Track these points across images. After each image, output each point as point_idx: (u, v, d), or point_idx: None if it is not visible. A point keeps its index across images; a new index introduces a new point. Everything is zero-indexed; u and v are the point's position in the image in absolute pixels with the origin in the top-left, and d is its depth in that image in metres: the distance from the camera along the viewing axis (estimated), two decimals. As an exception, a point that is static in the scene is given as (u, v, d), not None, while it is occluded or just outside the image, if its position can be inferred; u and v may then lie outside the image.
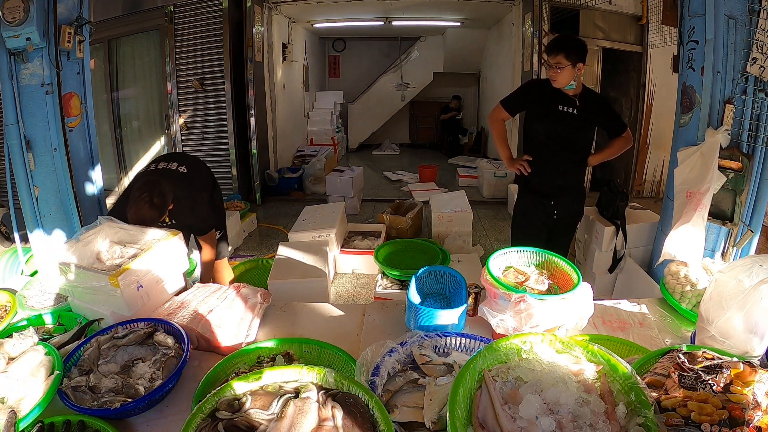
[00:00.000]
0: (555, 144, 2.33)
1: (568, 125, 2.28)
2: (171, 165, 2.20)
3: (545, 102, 2.29)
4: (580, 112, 2.26)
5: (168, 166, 2.19)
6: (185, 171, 2.20)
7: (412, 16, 7.22)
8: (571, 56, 2.16)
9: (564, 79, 2.20)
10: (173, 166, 2.20)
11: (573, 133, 2.31)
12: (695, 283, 1.60)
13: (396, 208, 4.39)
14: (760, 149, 1.94)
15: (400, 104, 9.31)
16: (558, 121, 2.29)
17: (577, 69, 2.18)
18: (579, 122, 2.28)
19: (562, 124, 2.28)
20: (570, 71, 2.18)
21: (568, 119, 2.27)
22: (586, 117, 2.28)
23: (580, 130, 2.32)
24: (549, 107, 2.28)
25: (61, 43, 2.41)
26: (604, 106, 2.37)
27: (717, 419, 0.87)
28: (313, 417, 0.95)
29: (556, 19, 5.18)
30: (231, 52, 5.15)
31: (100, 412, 1.09)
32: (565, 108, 2.27)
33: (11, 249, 2.73)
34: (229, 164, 5.48)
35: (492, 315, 1.33)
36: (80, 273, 1.43)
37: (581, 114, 2.27)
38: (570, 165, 2.39)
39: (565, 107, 2.27)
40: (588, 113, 2.28)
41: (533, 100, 2.37)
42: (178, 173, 2.18)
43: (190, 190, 2.18)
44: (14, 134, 2.37)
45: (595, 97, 2.38)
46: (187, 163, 2.26)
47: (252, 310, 1.55)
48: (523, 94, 2.45)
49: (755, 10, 1.86)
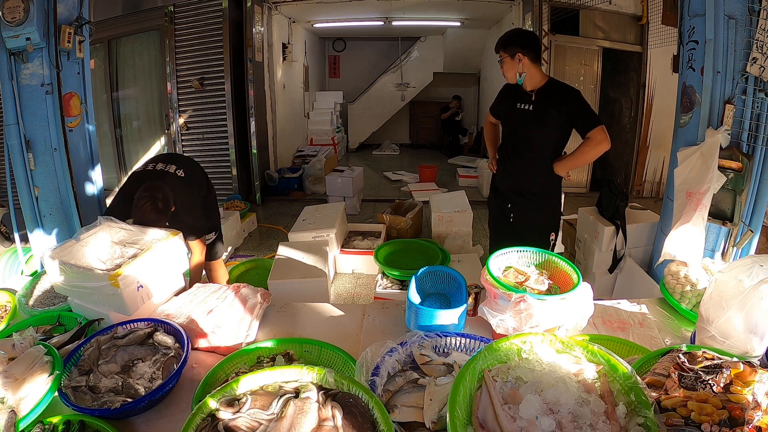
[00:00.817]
0: (511, 144, 2.25)
1: (522, 123, 2.16)
2: (169, 167, 2.18)
3: (508, 101, 2.23)
4: (535, 108, 2.11)
5: (166, 169, 2.17)
6: (183, 175, 2.18)
7: (412, 16, 7.22)
8: (509, 48, 2.08)
9: (508, 73, 2.12)
10: (171, 168, 2.18)
11: (527, 132, 2.16)
12: (695, 283, 1.60)
13: (396, 208, 4.39)
14: (760, 149, 1.94)
15: (400, 104, 9.31)
16: (514, 120, 2.21)
17: (518, 60, 2.07)
18: (533, 119, 2.12)
19: (517, 122, 2.19)
20: (511, 64, 2.09)
21: (522, 117, 2.15)
22: (542, 113, 2.09)
23: (536, 128, 2.13)
24: (509, 106, 2.22)
25: (61, 43, 2.41)
26: (566, 99, 2.08)
27: (717, 419, 0.87)
28: (313, 417, 0.95)
29: (556, 19, 5.18)
30: (231, 52, 5.16)
31: (100, 412, 1.09)
32: (521, 105, 2.15)
33: (11, 249, 2.73)
34: (229, 164, 5.48)
35: (492, 315, 1.33)
36: (80, 273, 1.43)
37: (536, 110, 2.10)
38: (525, 167, 2.22)
39: (521, 104, 2.16)
40: (545, 108, 2.08)
41: (502, 102, 2.32)
42: (176, 176, 2.16)
43: (187, 194, 2.17)
44: (14, 134, 2.38)
45: (557, 90, 2.12)
46: (185, 167, 2.25)
47: (252, 310, 1.55)
48: (497, 97, 2.39)
49: (755, 10, 1.86)
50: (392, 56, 9.32)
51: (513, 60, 2.09)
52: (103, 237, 1.65)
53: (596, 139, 2.03)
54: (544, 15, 5.07)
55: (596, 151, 2.07)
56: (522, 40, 2.10)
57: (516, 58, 2.08)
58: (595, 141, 2.04)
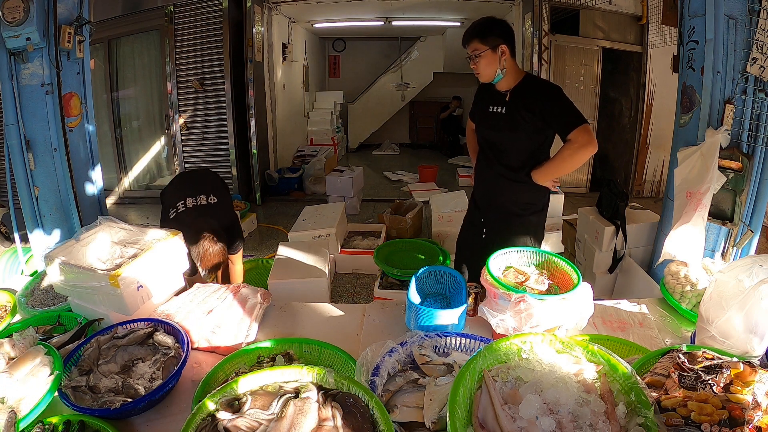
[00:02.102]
0: (484, 151, 2.00)
1: (495, 128, 1.89)
2: (200, 199, 2.18)
3: (481, 104, 1.97)
4: (508, 110, 1.83)
5: (198, 202, 2.17)
6: (216, 201, 2.21)
7: (412, 16, 7.22)
8: (488, 39, 1.75)
9: (487, 69, 1.79)
10: (202, 199, 2.18)
11: (500, 138, 1.89)
12: (695, 283, 1.60)
13: (396, 208, 4.39)
14: (760, 149, 1.94)
15: (400, 104, 9.31)
16: (487, 125, 1.94)
17: (500, 53, 1.76)
18: (506, 123, 1.84)
19: (490, 127, 1.92)
20: (491, 57, 1.76)
21: (495, 121, 1.88)
22: (514, 115, 1.81)
23: (510, 133, 1.85)
24: (482, 110, 1.96)
25: (61, 43, 2.41)
26: (540, 97, 1.78)
27: (717, 419, 0.87)
28: (313, 417, 0.95)
29: (556, 19, 5.18)
30: (231, 52, 5.16)
31: (100, 412, 1.09)
32: (494, 108, 1.88)
33: (11, 249, 2.73)
34: (229, 164, 5.48)
35: (492, 315, 1.33)
36: (80, 273, 1.43)
37: (509, 112, 1.83)
38: (498, 178, 1.94)
39: (494, 107, 1.88)
40: (517, 110, 1.80)
41: (476, 105, 2.06)
42: (210, 205, 2.19)
43: (224, 214, 2.22)
44: (14, 134, 2.38)
45: (533, 88, 1.83)
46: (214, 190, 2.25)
47: (252, 310, 1.54)
48: (474, 100, 2.10)
49: (755, 10, 1.86)
50: (392, 56, 9.32)
51: (495, 53, 1.76)
52: (103, 237, 1.65)
53: (578, 141, 1.71)
54: (544, 15, 5.07)
55: (579, 155, 1.74)
56: (501, 29, 1.79)
57: (498, 51, 1.76)
58: (576, 144, 1.71)
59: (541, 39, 5.10)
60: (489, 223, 2.03)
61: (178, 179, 2.53)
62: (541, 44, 5.11)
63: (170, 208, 2.16)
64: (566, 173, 1.95)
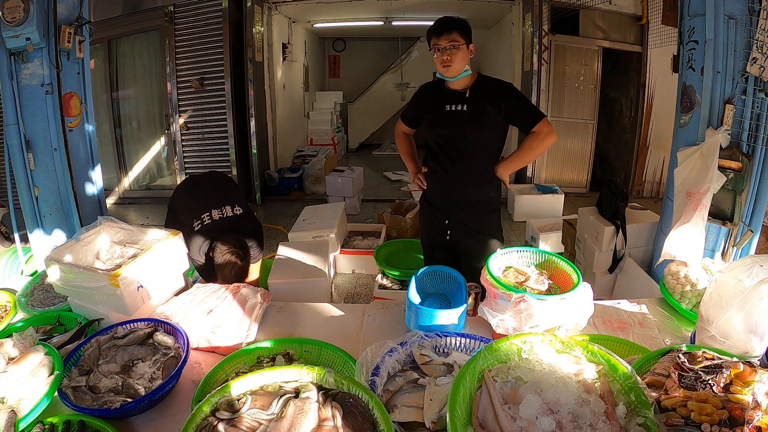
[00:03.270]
0: (442, 151, 1.96)
1: (456, 126, 1.89)
2: (225, 211, 2.10)
3: (433, 104, 1.95)
4: (471, 107, 1.86)
5: (224, 214, 2.08)
6: (241, 212, 2.13)
7: (412, 16, 7.22)
8: (465, 34, 1.80)
9: (460, 63, 1.80)
10: (228, 211, 2.10)
11: (464, 136, 1.89)
12: (695, 283, 1.60)
13: (396, 208, 4.39)
14: (760, 149, 1.94)
15: (400, 104, 9.30)
16: (445, 124, 1.91)
17: (470, 51, 1.84)
18: (470, 120, 1.87)
19: (450, 126, 1.90)
20: (465, 52, 1.81)
21: (456, 119, 1.88)
22: (479, 112, 1.86)
23: (474, 130, 1.87)
24: (436, 110, 1.93)
25: (61, 43, 2.41)
26: (502, 94, 1.87)
27: (717, 419, 0.87)
28: (313, 417, 0.95)
29: (556, 19, 5.18)
30: (231, 52, 5.16)
31: (100, 412, 1.09)
32: (452, 106, 1.88)
33: (11, 249, 2.73)
34: (229, 164, 5.48)
35: (492, 315, 1.33)
36: (80, 273, 1.43)
37: (473, 109, 1.86)
38: (463, 175, 1.94)
39: (452, 105, 1.88)
40: (481, 106, 1.85)
41: (423, 108, 2.02)
42: (237, 217, 2.10)
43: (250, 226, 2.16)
44: (14, 134, 2.37)
45: (492, 85, 1.90)
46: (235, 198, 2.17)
47: (252, 310, 1.55)
48: (413, 101, 2.08)
49: (755, 10, 1.86)
50: (392, 56, 9.32)
51: (467, 49, 1.81)
52: (103, 237, 1.66)
53: (543, 131, 1.85)
54: (544, 15, 5.07)
55: (544, 145, 1.88)
56: (468, 26, 1.84)
57: (469, 48, 1.82)
58: (542, 134, 1.85)
59: (541, 39, 5.10)
60: (453, 225, 2.01)
61: (193, 187, 2.36)
62: (541, 44, 5.11)
63: (193, 219, 2.05)
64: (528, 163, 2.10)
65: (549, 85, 5.21)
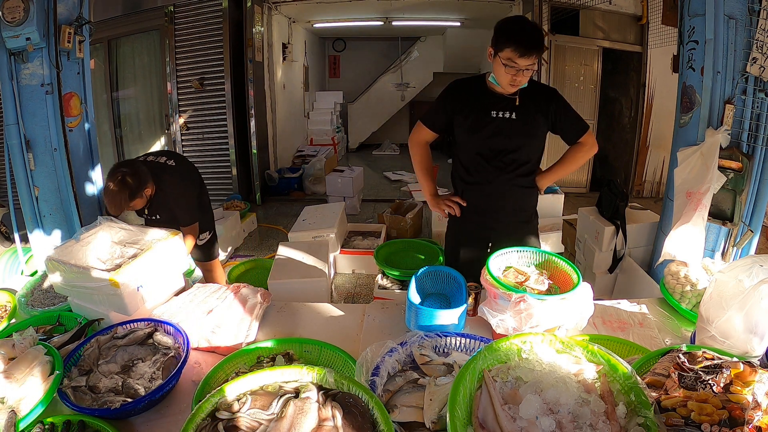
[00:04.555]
0: (489, 161, 1.78)
1: (505, 135, 1.73)
2: (159, 159, 2.24)
3: (472, 107, 1.74)
4: (520, 115, 1.71)
5: (157, 159, 2.23)
6: (173, 164, 2.24)
7: (412, 16, 7.22)
8: (543, 47, 1.65)
9: (525, 80, 1.67)
10: (162, 159, 2.24)
11: (512, 145, 1.74)
12: (695, 283, 1.60)
13: (396, 208, 4.39)
14: (760, 149, 1.94)
15: (400, 104, 9.31)
16: (491, 132, 1.73)
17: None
18: (520, 130, 1.73)
19: (497, 134, 1.73)
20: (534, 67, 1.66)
21: (504, 127, 1.72)
22: (529, 121, 1.73)
23: (523, 140, 1.74)
24: (479, 114, 1.73)
25: (61, 43, 2.41)
26: (551, 100, 1.74)
27: (717, 419, 0.87)
28: (313, 417, 0.95)
29: (556, 19, 5.18)
30: (231, 52, 5.16)
31: (100, 412, 1.09)
32: (499, 113, 1.72)
33: (11, 249, 2.73)
34: (229, 164, 5.48)
35: (492, 315, 1.33)
36: (80, 273, 1.43)
37: (522, 117, 1.71)
38: (508, 185, 1.80)
39: (499, 112, 1.72)
40: (531, 115, 1.72)
41: (456, 109, 1.77)
42: (165, 165, 2.21)
43: (177, 182, 2.21)
44: (14, 134, 2.38)
45: (539, 90, 1.76)
46: (176, 158, 2.30)
47: (252, 310, 1.54)
48: (443, 102, 1.80)
49: (755, 10, 1.86)
50: (392, 56, 9.32)
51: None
52: (103, 237, 1.65)
53: (588, 143, 1.79)
54: (544, 15, 5.07)
55: (587, 157, 1.82)
56: None
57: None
58: (587, 146, 1.79)
59: (541, 39, 5.10)
60: (497, 236, 1.86)
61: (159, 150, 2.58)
62: (541, 44, 5.10)
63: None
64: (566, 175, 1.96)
65: (549, 85, 5.22)
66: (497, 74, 1.67)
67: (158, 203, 2.17)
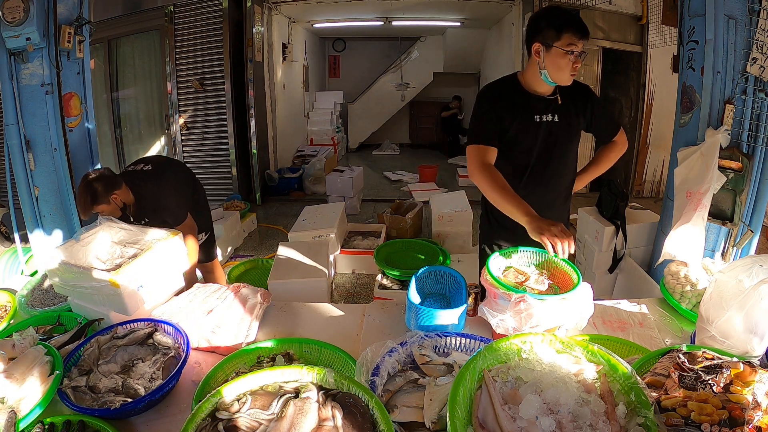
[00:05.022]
0: (534, 171, 1.65)
1: (550, 142, 1.61)
2: (137, 166, 2.27)
3: (515, 112, 1.59)
4: (561, 116, 1.60)
5: (134, 168, 2.27)
6: (149, 168, 2.25)
7: (412, 16, 7.22)
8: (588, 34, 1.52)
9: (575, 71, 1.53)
10: (139, 167, 2.27)
11: (557, 152, 1.63)
12: (695, 283, 1.60)
13: (396, 208, 4.39)
14: (760, 149, 1.94)
15: (400, 104, 9.32)
16: (534, 139, 1.61)
17: None
18: (563, 133, 1.61)
19: (543, 139, 1.61)
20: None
21: (548, 133, 1.60)
22: (570, 122, 1.63)
23: (566, 145, 1.63)
24: (523, 120, 1.59)
25: (61, 43, 2.41)
26: (588, 98, 1.65)
27: (717, 419, 0.87)
28: (313, 417, 0.95)
29: (556, 19, 5.17)
30: (231, 52, 5.16)
31: (100, 412, 1.09)
32: (543, 117, 1.59)
33: (11, 249, 2.73)
34: (229, 164, 5.49)
35: (492, 315, 1.33)
36: (80, 273, 1.43)
37: (564, 119, 1.61)
38: (552, 195, 1.70)
39: (542, 116, 1.59)
40: (571, 116, 1.63)
41: (503, 116, 1.60)
42: (141, 171, 2.23)
43: (154, 185, 2.21)
44: (14, 134, 2.38)
45: (579, 89, 1.66)
46: (154, 162, 2.32)
47: (252, 310, 1.54)
48: (490, 109, 1.61)
49: (755, 10, 1.86)
50: (392, 56, 9.33)
51: None
52: (103, 237, 1.65)
53: (622, 142, 1.74)
54: (544, 15, 5.06)
55: (620, 155, 1.76)
56: None
57: None
58: (621, 144, 1.74)
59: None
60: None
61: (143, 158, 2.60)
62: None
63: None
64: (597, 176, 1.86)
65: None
66: (555, 68, 1.51)
67: (142, 209, 2.18)
